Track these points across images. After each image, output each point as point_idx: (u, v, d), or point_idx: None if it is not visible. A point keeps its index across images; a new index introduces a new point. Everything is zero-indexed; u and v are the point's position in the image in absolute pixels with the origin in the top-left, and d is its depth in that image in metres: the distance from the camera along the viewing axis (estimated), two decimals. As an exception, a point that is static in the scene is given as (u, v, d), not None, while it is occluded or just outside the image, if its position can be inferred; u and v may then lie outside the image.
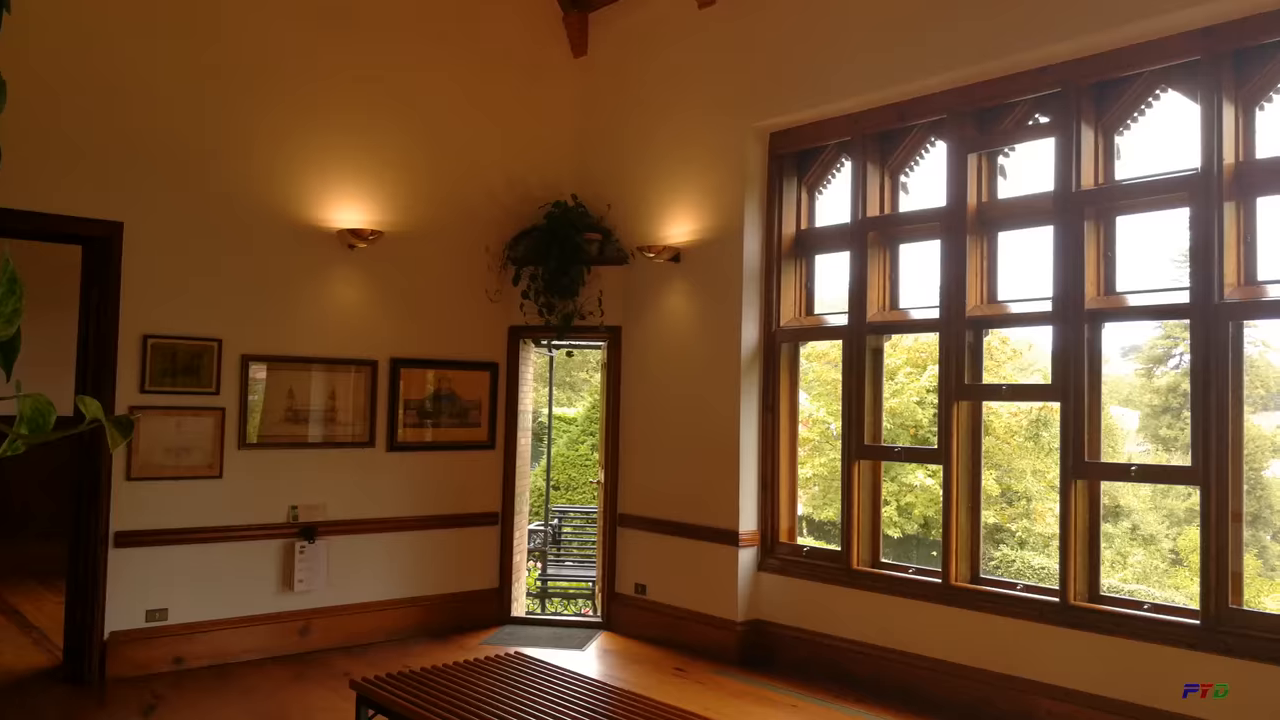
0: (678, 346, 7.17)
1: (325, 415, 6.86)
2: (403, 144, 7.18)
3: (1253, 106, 4.92)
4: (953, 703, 5.61)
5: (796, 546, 6.72)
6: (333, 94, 6.87)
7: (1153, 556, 14.28)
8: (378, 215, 7.01)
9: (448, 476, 7.37)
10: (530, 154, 7.83)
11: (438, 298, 7.34)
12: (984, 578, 5.84)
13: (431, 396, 7.34)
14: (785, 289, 6.90)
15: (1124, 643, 4.99)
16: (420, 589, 7.21)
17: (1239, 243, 4.90)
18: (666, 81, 7.39)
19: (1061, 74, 5.40)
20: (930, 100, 6.00)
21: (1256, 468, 15.06)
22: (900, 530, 14.57)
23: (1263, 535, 14.67)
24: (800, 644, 6.45)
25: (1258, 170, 4.87)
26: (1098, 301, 5.34)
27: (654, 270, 7.29)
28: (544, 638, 7.15)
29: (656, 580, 7.21)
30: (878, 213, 6.40)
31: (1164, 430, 15.69)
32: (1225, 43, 4.82)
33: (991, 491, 14.31)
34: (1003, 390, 7.16)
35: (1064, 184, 5.40)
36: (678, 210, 7.21)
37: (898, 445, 7.03)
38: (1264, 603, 12.38)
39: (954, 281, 5.86)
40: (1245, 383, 5.04)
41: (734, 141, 6.87)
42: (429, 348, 7.30)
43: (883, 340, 6.55)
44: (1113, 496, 14.40)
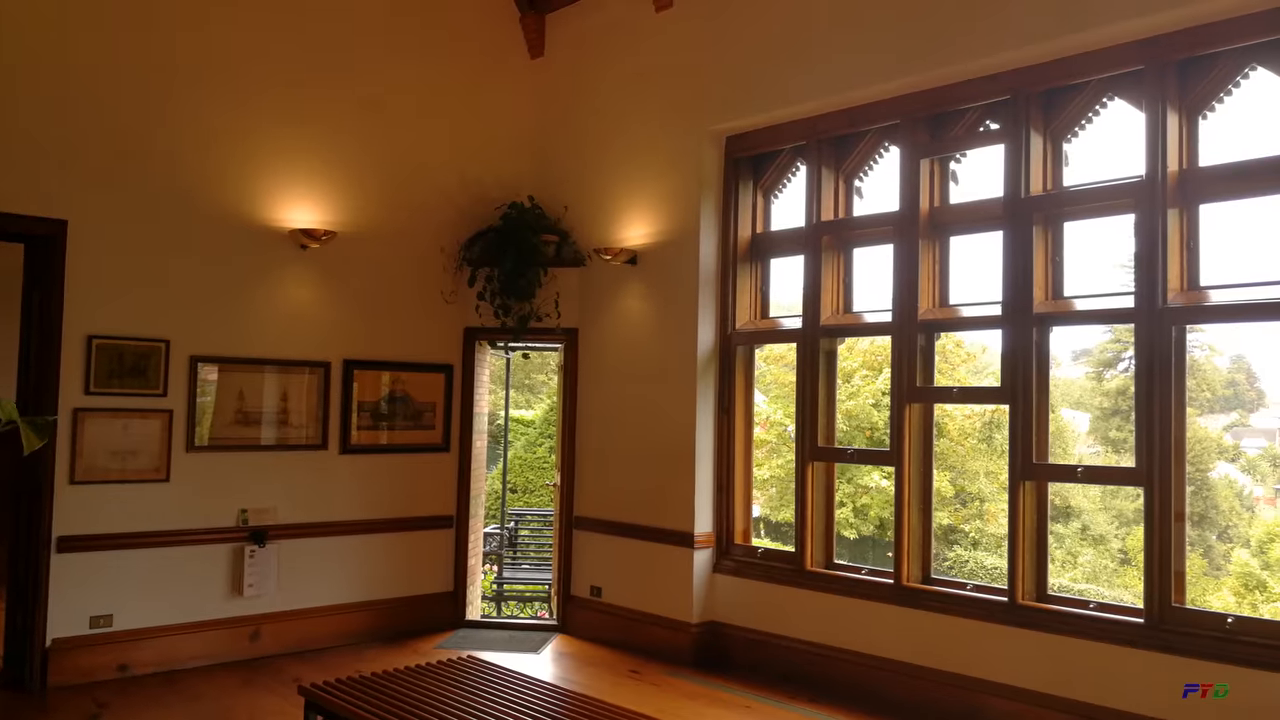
0: (635, 349, 7.17)
1: (277, 417, 6.77)
2: (357, 143, 7.11)
3: (1196, 115, 5.02)
4: (905, 702, 5.66)
5: (751, 548, 6.75)
6: (285, 92, 6.78)
7: (1102, 556, 14.55)
8: (331, 215, 6.93)
9: (402, 479, 7.30)
10: (487, 155, 7.79)
11: (392, 299, 7.27)
12: (935, 578, 5.90)
13: (386, 398, 7.27)
14: (741, 292, 6.93)
15: (1070, 641, 5.07)
16: (373, 593, 7.14)
17: (1182, 248, 5.01)
18: (624, 83, 7.39)
19: (1011, 81, 5.48)
20: (884, 105, 6.06)
21: (1203, 469, 15.39)
22: (856, 531, 14.71)
23: (1208, 535, 14.99)
24: (755, 645, 6.48)
25: (1200, 178, 4.97)
26: (1046, 305, 5.43)
27: (611, 272, 7.29)
28: (499, 641, 7.11)
29: (612, 582, 7.20)
30: (832, 217, 6.45)
31: (1113, 432, 16.00)
32: (1169, 53, 4.93)
33: (945, 493, 14.49)
34: (953, 393, 7.25)
35: (1013, 190, 5.48)
36: (635, 212, 7.21)
37: (851, 447, 7.09)
38: (1209, 601, 12.66)
39: (906, 285, 5.92)
40: (1191, 386, 5.15)
41: (690, 144, 6.88)
42: (383, 349, 7.23)
43: (836, 343, 6.60)
44: (1063, 497, 14.65)
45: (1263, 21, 4.61)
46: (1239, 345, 16.60)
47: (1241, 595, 12.75)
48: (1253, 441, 16.55)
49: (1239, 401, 16.96)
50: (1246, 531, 14.83)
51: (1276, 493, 15.49)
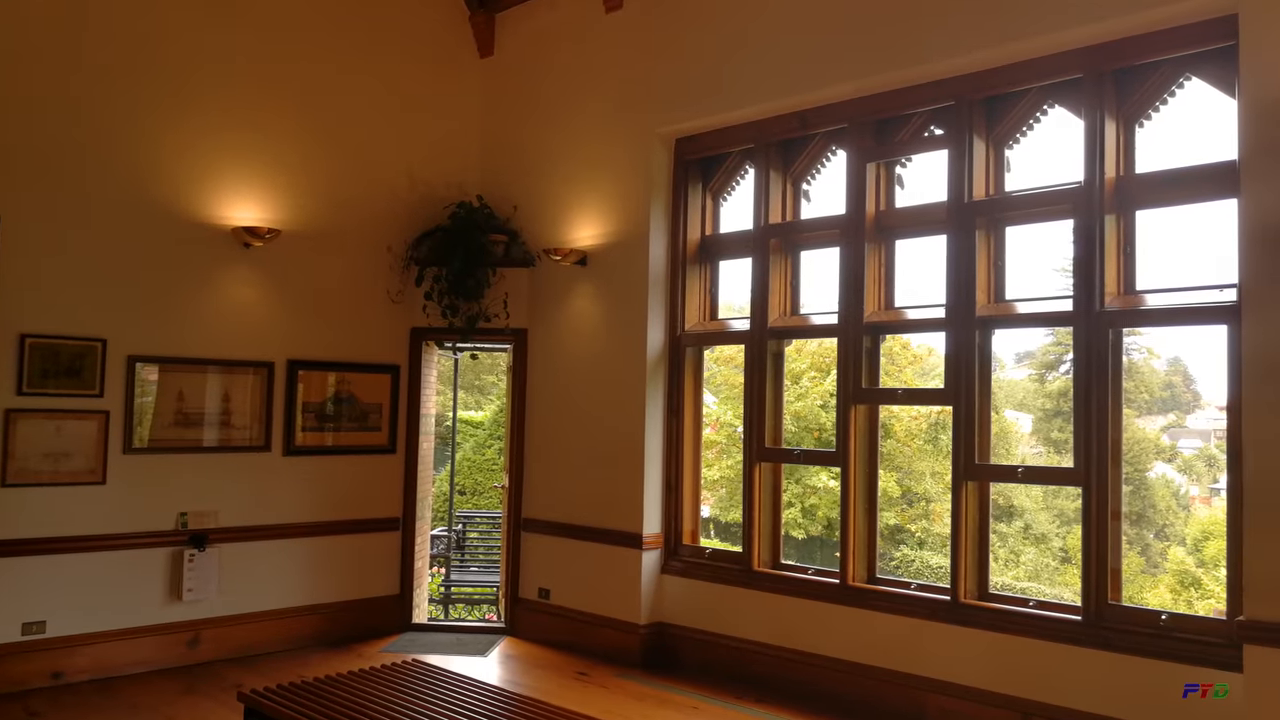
0: (584, 350, 7.15)
1: (219, 419, 6.65)
2: (301, 140, 7.01)
3: (1133, 123, 5.14)
4: (851, 701, 5.71)
5: (699, 549, 6.77)
6: (226, 87, 6.66)
7: (1044, 555, 14.82)
8: (275, 213, 6.82)
9: (347, 481, 7.21)
10: (435, 154, 7.72)
11: (337, 298, 7.18)
12: (880, 578, 5.96)
13: (331, 399, 7.17)
14: (690, 293, 6.95)
15: (1011, 639, 5.15)
16: (318, 597, 7.03)
17: (1119, 253, 5.12)
18: (574, 84, 7.37)
19: (955, 88, 5.56)
20: (831, 110, 6.11)
21: (1141, 469, 15.76)
22: (805, 531, 14.83)
23: (1146, 534, 15.36)
24: (703, 646, 6.49)
25: (1137, 184, 5.09)
26: (988, 309, 5.52)
27: (560, 273, 7.27)
28: (446, 644, 7.05)
29: (561, 584, 7.17)
30: (780, 220, 6.50)
31: (1055, 433, 16.33)
32: (1107, 62, 5.04)
33: (892, 493, 14.66)
34: (898, 394, 7.33)
35: (957, 194, 5.56)
36: (584, 213, 7.20)
37: (798, 448, 7.14)
38: (1146, 598, 12.97)
39: (852, 288, 5.98)
40: (1130, 388, 5.27)
41: (640, 146, 6.89)
42: (328, 349, 7.13)
43: (784, 345, 6.65)
44: (1006, 497, 14.90)
45: (1197, 33, 4.73)
46: (1176, 348, 17.03)
47: (1178, 592, 13.08)
48: (1189, 442, 16.99)
49: (1176, 403, 17.40)
50: (1183, 530, 15.21)
51: (1212, 492, 15.90)
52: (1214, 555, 13.21)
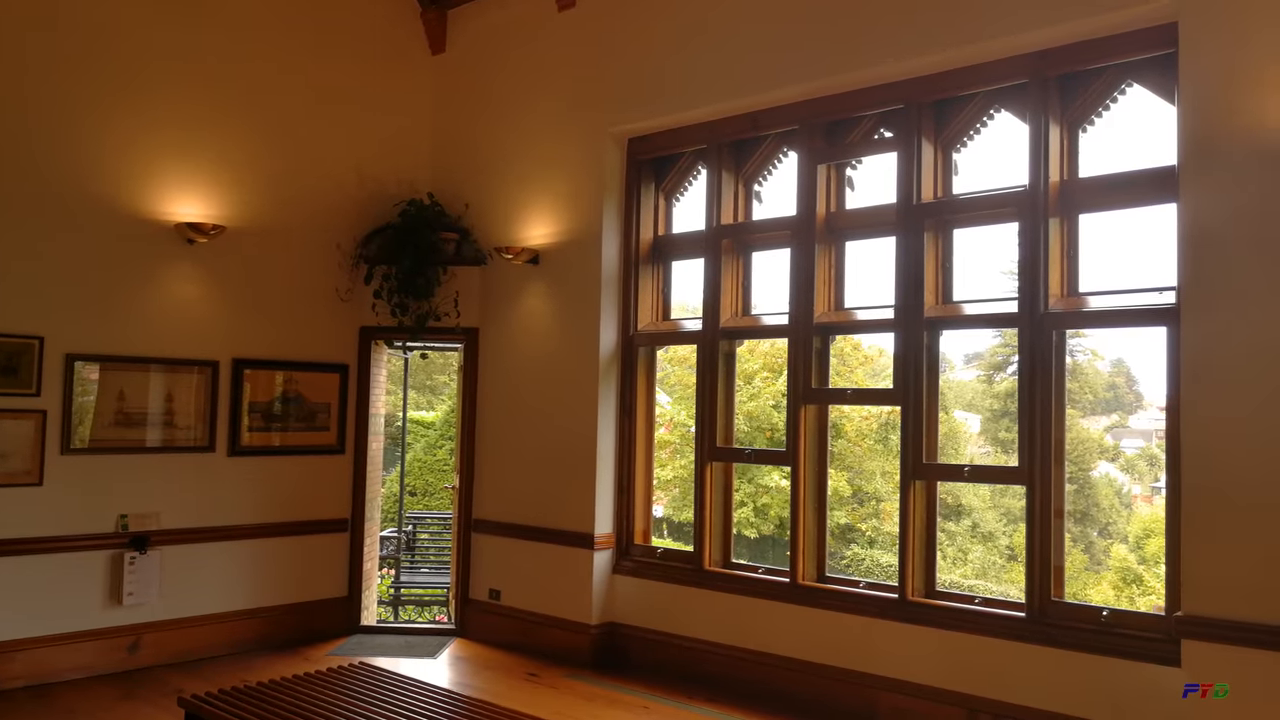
0: (536, 349, 7.12)
1: (162, 419, 6.51)
2: (248, 135, 6.89)
3: (1076, 129, 5.23)
4: (801, 699, 5.74)
5: (651, 548, 6.77)
6: (170, 82, 6.52)
7: (991, 553, 15.05)
8: (220, 209, 6.70)
9: (295, 482, 7.10)
10: (385, 151, 7.63)
11: (285, 296, 7.06)
12: (830, 576, 6.01)
13: (279, 399, 7.06)
14: (643, 293, 6.94)
15: (957, 636, 5.22)
16: (263, 599, 6.92)
17: (1063, 256, 5.21)
18: (526, 83, 7.33)
19: (904, 91, 5.62)
20: (783, 111, 6.14)
21: (1085, 468, 16.08)
22: (757, 531, 14.91)
23: (1090, 532, 15.66)
24: (654, 645, 6.49)
25: (1080, 188, 5.18)
26: (936, 310, 5.58)
27: (512, 272, 7.22)
28: (395, 646, 6.97)
29: (511, 585, 7.13)
30: (732, 220, 6.52)
31: (1003, 433, 16.59)
32: (1051, 68, 5.12)
33: (843, 492, 14.79)
34: (848, 394, 7.40)
35: (905, 197, 5.62)
36: (536, 212, 7.16)
37: (750, 448, 7.17)
38: (1090, 595, 13.22)
39: (803, 289, 6.02)
40: (1074, 389, 5.36)
41: (593, 145, 6.87)
42: (275, 348, 7.02)
43: (735, 345, 6.67)
44: (955, 496, 15.11)
45: (1138, 41, 4.83)
46: (1120, 350, 17.42)
47: (1120, 589, 13.35)
48: (1131, 442, 17.37)
49: (1119, 404, 17.79)
50: (1125, 528, 15.54)
51: (1153, 491, 16.26)
52: (1155, 552, 13.51)
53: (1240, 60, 4.32)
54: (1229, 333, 4.30)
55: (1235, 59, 4.33)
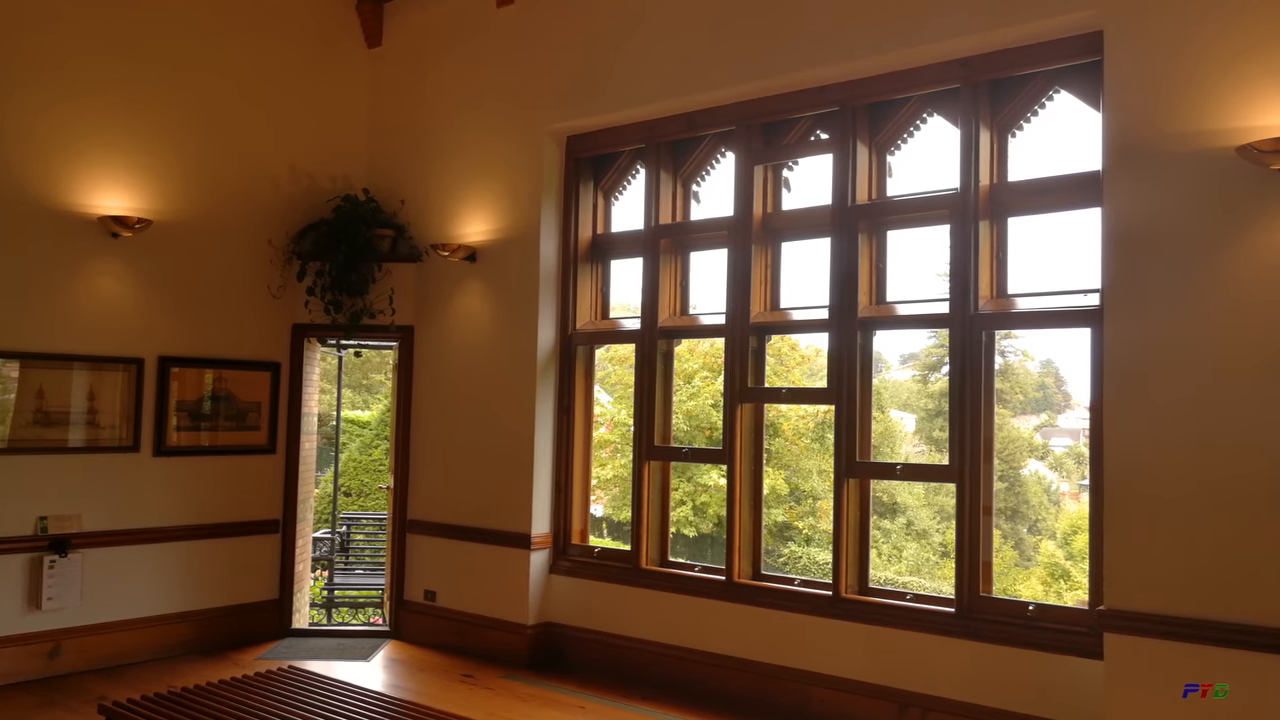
0: (473, 347, 7.06)
1: (84, 418, 6.32)
2: (175, 127, 6.71)
3: (1006, 133, 5.34)
4: (736, 697, 5.78)
5: (588, 548, 6.76)
6: (94, 70, 6.33)
7: (925, 550, 15.30)
8: (145, 202, 6.52)
9: (224, 482, 6.94)
10: (319, 145, 7.50)
11: (214, 292, 6.90)
12: (765, 574, 6.05)
13: (208, 398, 6.89)
14: (582, 292, 6.93)
15: (889, 632, 5.29)
16: (190, 603, 6.76)
17: (992, 258, 5.31)
18: (464, 78, 7.26)
19: (839, 94, 5.68)
20: (720, 111, 6.17)
21: (1016, 466, 16.42)
22: (696, 529, 14.98)
23: (1020, 528, 16.01)
24: (591, 645, 6.48)
25: (1009, 192, 5.29)
26: (869, 310, 5.65)
27: (449, 269, 7.15)
28: (328, 649, 6.86)
29: (447, 586, 7.06)
30: (670, 220, 6.53)
31: (937, 432, 16.88)
32: (981, 73, 5.22)
33: (780, 490, 14.92)
34: (783, 393, 7.45)
35: (840, 198, 5.68)
36: (474, 209, 7.10)
37: (686, 446, 7.19)
38: (1020, 590, 13.51)
39: (740, 289, 6.05)
40: (1005, 388, 5.46)
41: (531, 143, 6.83)
42: (203, 346, 6.85)
43: (674, 344, 6.69)
44: (890, 494, 15.33)
45: (1065, 48, 4.94)
46: (1049, 351, 17.80)
47: (1049, 584, 13.67)
48: (1060, 440, 17.80)
49: (1048, 403, 18.21)
50: (1053, 524, 15.91)
51: (1080, 488, 16.67)
52: (1081, 548, 13.85)
53: (1163, 68, 4.44)
54: (1149, 334, 4.43)
55: (1158, 67, 4.46)
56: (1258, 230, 4.17)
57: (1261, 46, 4.19)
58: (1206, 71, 4.32)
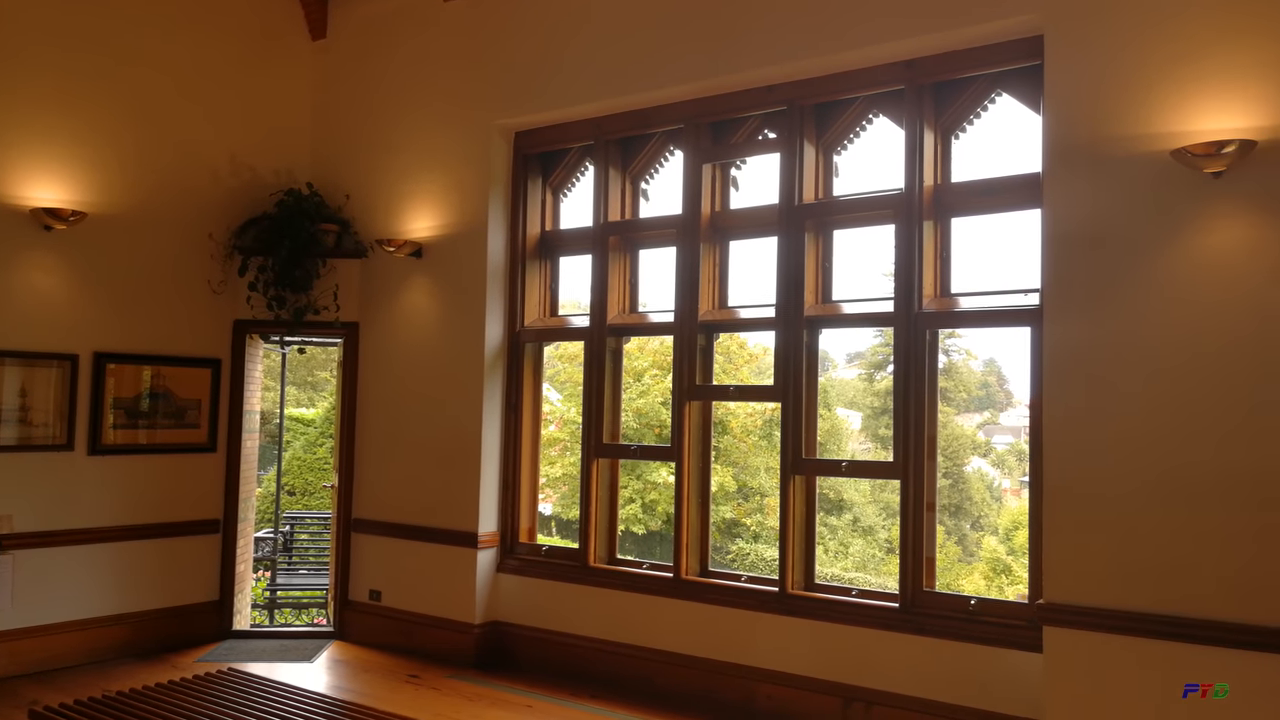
0: (419, 344, 6.98)
1: (16, 415, 6.14)
2: (112, 117, 6.55)
3: (950, 135, 5.41)
4: (684, 694, 5.79)
5: (536, 546, 6.73)
6: (28, 58, 6.15)
7: (871, 546, 15.49)
8: (80, 194, 6.35)
9: (162, 482, 6.79)
10: (262, 138, 7.36)
11: (152, 287, 6.74)
12: (713, 571, 6.07)
13: (146, 395, 6.74)
14: (530, 289, 6.89)
15: (834, 627, 5.34)
16: (127, 605, 6.60)
17: (936, 258, 5.38)
18: (410, 72, 7.18)
19: (786, 94, 5.72)
20: (669, 110, 6.18)
21: (959, 464, 16.70)
22: (645, 527, 15.00)
23: (963, 524, 16.28)
24: (539, 644, 6.45)
25: (953, 193, 5.36)
26: (816, 309, 5.70)
27: (395, 265, 7.07)
28: (270, 651, 6.74)
29: (392, 586, 6.98)
30: (619, 217, 6.52)
31: (883, 430, 17.09)
32: (925, 75, 5.28)
33: (729, 487, 15.00)
34: (730, 391, 7.48)
35: (787, 197, 5.72)
36: (420, 204, 7.02)
37: (635, 444, 7.19)
38: (962, 585, 13.74)
39: (688, 287, 6.07)
40: (949, 387, 5.53)
41: (478, 138, 6.78)
42: (142, 342, 6.69)
43: (622, 342, 6.68)
44: (837, 491, 15.49)
45: (1007, 52, 5.02)
46: (992, 350, 18.13)
47: (990, 579, 13.92)
48: (1002, 438, 18.14)
49: (991, 401, 18.54)
50: (996, 520, 16.21)
51: (1021, 484, 17.01)
52: (1022, 544, 14.13)
53: (1101, 73, 4.54)
54: (1087, 333, 4.52)
55: (1096, 72, 4.55)
56: (1192, 232, 4.28)
57: (1196, 52, 4.29)
58: (1143, 76, 4.42)
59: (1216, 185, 4.20)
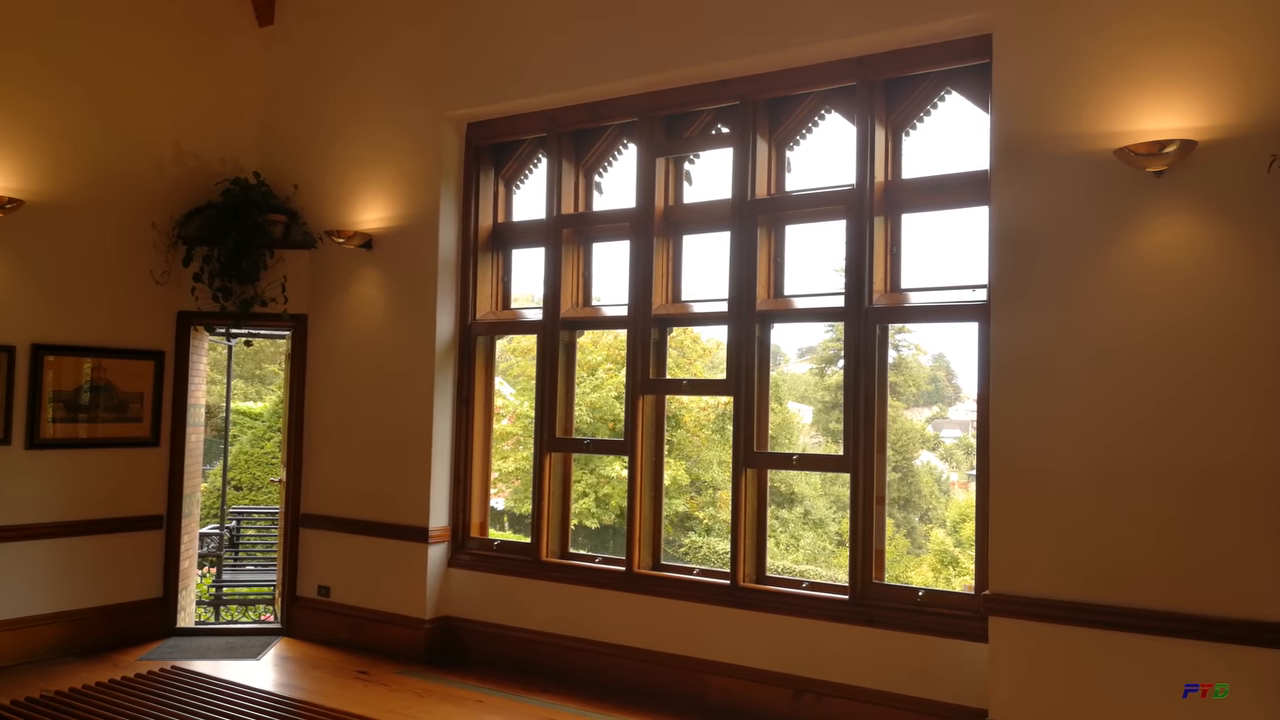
0: (369, 337, 6.90)
1: (-51, 409, 5.96)
2: (50, 101, 6.36)
3: (900, 132, 5.46)
4: (636, 687, 5.80)
5: (488, 540, 6.69)
6: (-39, 39, 5.97)
7: (821, 539, 15.64)
8: (16, 181, 6.17)
9: (103, 477, 6.63)
10: (208, 126, 7.21)
11: (93, 277, 6.58)
12: (665, 564, 6.09)
13: (87, 388, 6.57)
14: (482, 282, 6.84)
15: (785, 619, 5.38)
16: (66, 603, 6.44)
17: (886, 254, 5.44)
18: (361, 61, 7.08)
19: (740, 88, 5.73)
20: (623, 102, 6.16)
21: (909, 457, 16.93)
22: (598, 521, 15.00)
23: (912, 517, 16.51)
24: (490, 638, 6.42)
25: (903, 189, 5.41)
26: (768, 304, 5.73)
27: (344, 257, 6.98)
28: (215, 648, 6.63)
29: (342, 581, 6.90)
30: (572, 210, 6.50)
31: (833, 424, 17.27)
32: (877, 72, 5.33)
33: (682, 481, 15.05)
34: (683, 385, 7.49)
35: (740, 192, 5.74)
36: (371, 195, 6.94)
37: (588, 438, 7.17)
38: (911, 577, 13.94)
39: (642, 281, 6.06)
40: (899, 381, 5.59)
41: (430, 129, 6.71)
42: (82, 333, 6.53)
43: (576, 335, 6.66)
44: (788, 484, 15.62)
45: (956, 50, 5.08)
46: (941, 345, 18.39)
47: (938, 570, 14.14)
48: (950, 432, 18.43)
49: (940, 396, 18.82)
50: (944, 513, 16.47)
51: (969, 478, 17.29)
52: (970, 536, 14.33)
53: (1047, 72, 4.61)
54: (1032, 328, 4.59)
55: (1043, 71, 4.62)
56: (1134, 230, 4.36)
57: (1140, 53, 4.38)
58: (1088, 76, 4.50)
59: (1158, 184, 4.29)
